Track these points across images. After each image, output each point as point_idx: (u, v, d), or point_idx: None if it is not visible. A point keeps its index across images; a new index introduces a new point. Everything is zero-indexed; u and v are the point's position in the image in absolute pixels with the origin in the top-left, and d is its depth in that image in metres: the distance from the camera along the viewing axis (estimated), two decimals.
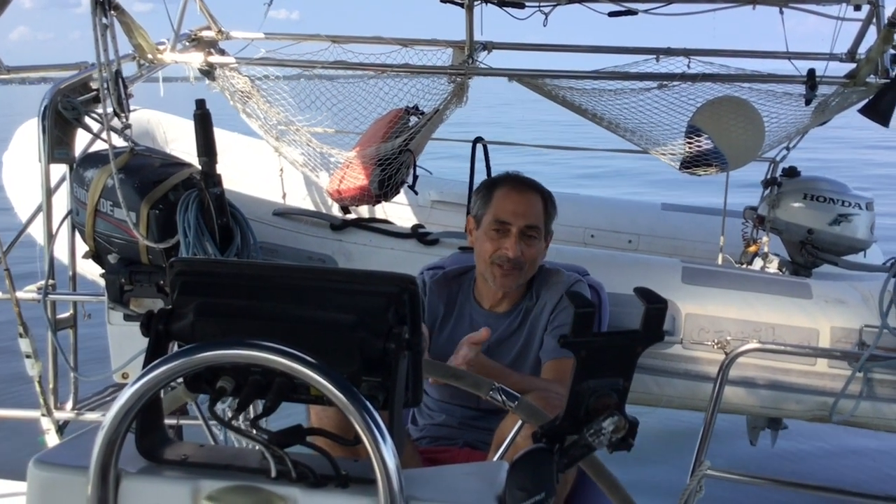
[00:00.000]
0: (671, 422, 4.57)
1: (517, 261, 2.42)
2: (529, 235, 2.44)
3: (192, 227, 2.98)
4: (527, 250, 2.43)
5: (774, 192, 4.08)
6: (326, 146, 4.36)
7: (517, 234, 2.42)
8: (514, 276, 2.45)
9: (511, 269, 2.43)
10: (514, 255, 2.41)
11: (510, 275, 2.45)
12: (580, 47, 4.55)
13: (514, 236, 2.42)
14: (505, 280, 2.46)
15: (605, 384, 1.10)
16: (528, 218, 2.43)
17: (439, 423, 2.53)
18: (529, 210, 2.45)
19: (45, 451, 1.12)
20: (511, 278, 2.46)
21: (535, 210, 2.46)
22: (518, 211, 2.43)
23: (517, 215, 2.43)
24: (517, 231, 2.42)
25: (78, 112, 3.29)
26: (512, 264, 2.42)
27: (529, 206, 2.45)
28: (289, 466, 1.04)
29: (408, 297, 1.10)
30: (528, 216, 2.44)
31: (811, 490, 3.00)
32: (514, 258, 2.41)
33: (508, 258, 2.41)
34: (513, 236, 2.42)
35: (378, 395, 1.07)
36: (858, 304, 3.27)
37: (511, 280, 2.46)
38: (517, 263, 2.43)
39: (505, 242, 2.42)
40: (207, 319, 1.08)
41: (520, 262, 2.43)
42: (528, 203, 2.46)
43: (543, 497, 1.06)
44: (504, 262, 2.43)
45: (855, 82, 3.60)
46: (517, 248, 2.41)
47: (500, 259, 2.43)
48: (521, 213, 2.43)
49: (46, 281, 3.28)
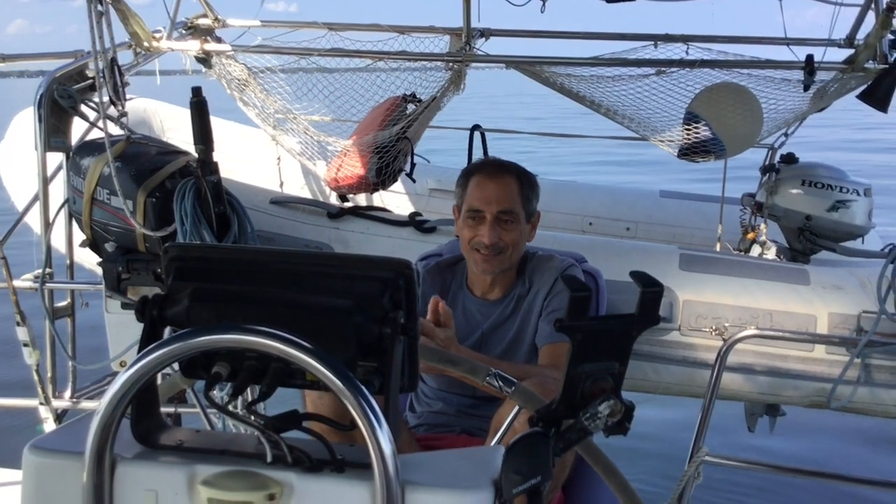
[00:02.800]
0: (668, 408, 4.57)
1: (496, 245, 2.44)
2: (504, 220, 2.45)
3: (189, 215, 2.97)
4: (505, 234, 2.44)
5: (772, 178, 4.08)
6: (324, 134, 4.35)
7: (492, 221, 2.43)
8: (497, 260, 2.47)
9: (491, 254, 2.45)
10: (489, 241, 2.42)
11: (491, 259, 2.46)
12: (578, 34, 4.53)
13: (489, 223, 2.43)
14: (487, 265, 2.48)
15: (601, 368, 1.10)
16: (500, 203, 2.44)
17: (437, 411, 2.53)
18: (502, 195, 2.45)
19: (40, 437, 1.12)
20: (493, 263, 2.47)
21: (509, 194, 2.46)
22: (490, 197, 2.45)
23: (489, 201, 2.44)
24: (491, 217, 2.43)
25: (74, 100, 3.28)
26: (491, 250, 2.44)
27: (502, 192, 2.46)
28: (285, 451, 1.04)
29: (403, 282, 1.10)
30: (501, 201, 2.44)
31: (809, 476, 3.01)
32: (490, 244, 2.43)
33: (485, 244, 2.43)
34: (487, 223, 2.43)
35: (374, 380, 1.07)
36: (856, 290, 3.27)
37: (493, 264, 2.48)
38: (497, 248, 2.44)
39: (480, 229, 2.44)
40: (202, 305, 1.08)
41: (499, 246, 2.44)
42: (500, 188, 2.46)
43: (539, 481, 1.06)
44: (482, 248, 2.45)
45: (853, 68, 3.59)
46: (492, 234, 2.42)
47: (478, 245, 2.45)
48: (494, 199, 2.44)
49: (44, 269, 3.27)
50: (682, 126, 3.93)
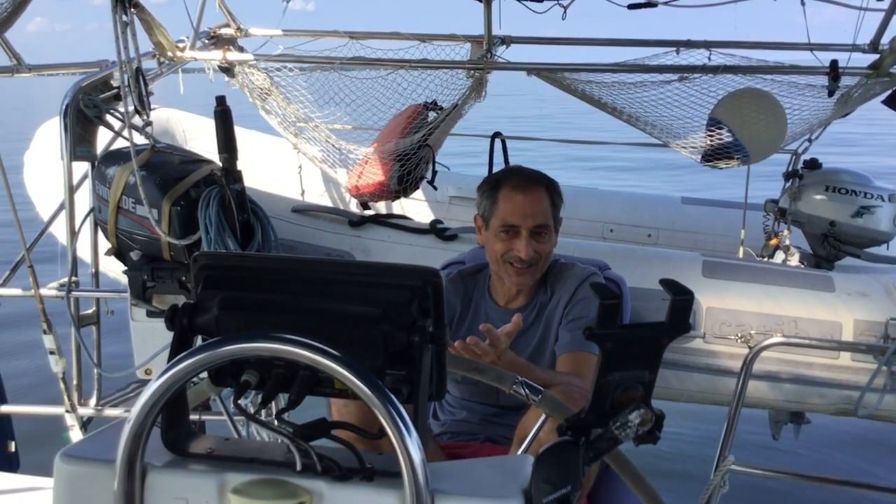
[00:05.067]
0: (692, 416, 4.54)
1: (531, 259, 2.40)
2: (539, 233, 2.41)
3: (214, 223, 2.99)
4: (539, 247, 2.41)
5: (796, 184, 4.05)
6: (345, 142, 4.36)
7: (527, 235, 2.39)
8: (530, 272, 2.44)
9: (525, 268, 2.42)
10: (526, 255, 2.38)
11: (524, 273, 2.43)
12: (599, 40, 4.53)
13: (525, 238, 2.38)
14: (521, 278, 2.45)
15: (631, 377, 1.09)
16: (536, 218, 2.39)
17: (461, 420, 2.52)
18: (537, 208, 2.40)
19: (71, 445, 1.13)
20: (527, 275, 2.44)
21: (542, 207, 2.42)
22: (526, 212, 2.39)
23: (525, 216, 2.39)
24: (527, 232, 2.39)
25: (99, 110, 3.31)
26: (526, 263, 2.41)
27: (536, 205, 2.40)
28: (314, 460, 1.04)
29: (431, 290, 1.09)
30: (537, 215, 2.40)
31: (835, 484, 2.97)
32: (528, 258, 2.39)
33: (522, 258, 2.39)
34: (523, 238, 2.38)
35: (402, 389, 1.07)
36: (882, 296, 3.23)
37: (527, 277, 2.45)
38: (532, 261, 2.41)
39: (517, 244, 2.39)
40: (231, 313, 1.08)
41: (533, 259, 2.41)
42: (534, 202, 2.41)
43: (570, 490, 1.05)
44: (517, 262, 2.41)
45: (878, 73, 3.57)
46: (529, 248, 2.38)
47: (512, 259, 2.41)
48: (529, 214, 2.39)
49: (70, 278, 3.30)
50: (706, 132, 3.91)
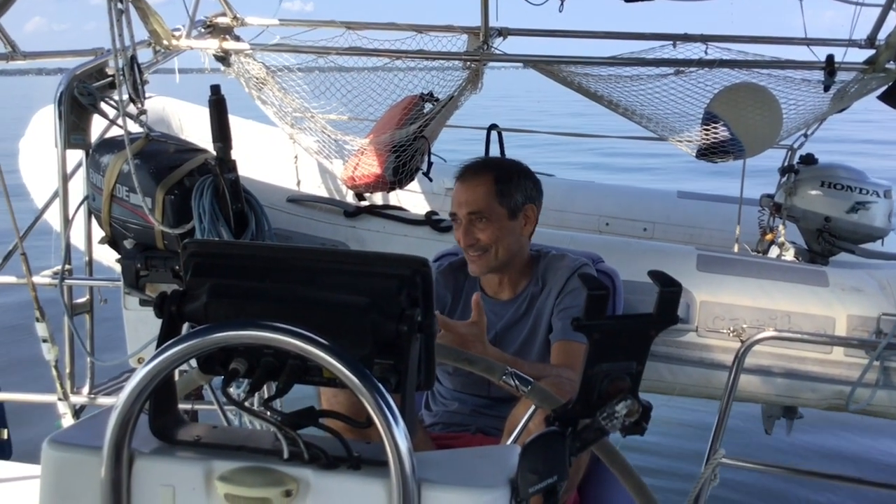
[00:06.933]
0: (685, 410, 4.56)
1: (476, 246, 2.46)
2: (476, 220, 2.46)
3: (207, 212, 2.98)
4: (480, 234, 2.45)
5: (791, 179, 4.05)
6: (341, 133, 4.36)
7: (465, 223, 2.46)
8: (484, 259, 2.48)
9: (476, 255, 2.48)
10: (464, 243, 2.46)
11: (477, 260, 2.49)
12: (596, 33, 4.52)
13: (463, 225, 2.47)
14: (474, 265, 2.51)
15: (619, 368, 1.09)
16: (469, 205, 2.46)
17: (452, 411, 2.53)
18: (471, 197, 2.47)
19: (59, 432, 1.12)
20: (480, 262, 2.49)
21: (479, 194, 2.47)
22: (461, 200, 2.48)
23: (460, 204, 2.48)
24: (464, 220, 2.47)
25: (94, 98, 3.30)
26: (474, 249, 2.46)
27: (471, 193, 2.47)
28: (301, 448, 1.04)
29: (420, 280, 1.09)
30: (470, 203, 2.46)
31: (826, 479, 2.99)
32: (466, 245, 2.46)
33: (465, 245, 2.47)
34: (462, 225, 2.47)
35: (390, 378, 1.07)
36: (876, 292, 3.24)
37: (480, 264, 2.50)
38: (479, 248, 2.46)
39: (458, 232, 2.49)
40: (220, 301, 1.08)
41: (479, 245, 2.46)
42: (470, 190, 2.48)
43: (555, 480, 1.05)
44: (468, 249, 2.48)
45: (874, 68, 3.57)
46: (467, 236, 2.46)
47: (463, 247, 2.50)
48: (464, 202, 2.47)
49: (63, 266, 3.29)
50: (701, 126, 3.91)
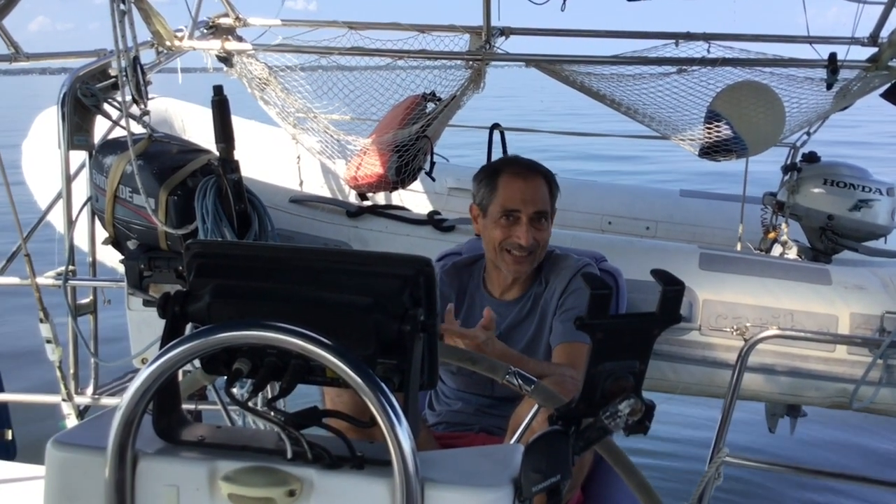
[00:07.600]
0: (688, 408, 4.55)
1: (530, 246, 2.41)
2: (539, 220, 2.42)
3: (210, 213, 2.99)
4: (538, 235, 2.41)
5: (794, 177, 4.05)
6: (343, 133, 4.36)
7: (527, 222, 2.40)
8: (529, 260, 2.45)
9: (524, 256, 2.42)
10: (526, 242, 2.39)
11: (523, 261, 2.44)
12: (598, 32, 4.52)
13: (525, 224, 2.39)
14: (519, 266, 2.45)
15: (622, 367, 1.09)
16: (536, 204, 2.40)
17: (456, 410, 2.53)
18: (536, 195, 2.42)
19: (63, 432, 1.13)
20: (525, 264, 2.45)
21: (542, 194, 2.43)
22: (526, 198, 2.40)
23: (525, 202, 2.40)
24: (527, 218, 2.39)
25: (97, 99, 3.30)
26: (525, 250, 2.41)
27: (536, 191, 2.42)
28: (305, 448, 1.04)
29: (423, 280, 1.10)
30: (536, 202, 2.41)
31: (829, 477, 2.99)
32: (527, 245, 2.40)
33: (521, 245, 2.40)
34: (523, 224, 2.39)
35: (393, 378, 1.07)
36: (879, 290, 3.23)
37: (525, 266, 2.46)
38: (529, 248, 2.41)
39: (516, 231, 2.40)
40: (223, 301, 1.08)
41: (532, 246, 2.41)
42: (534, 188, 2.42)
43: (559, 479, 1.06)
44: (515, 249, 2.41)
45: (877, 66, 3.56)
46: (529, 235, 2.39)
47: (511, 246, 2.42)
48: (530, 200, 2.40)
49: (67, 267, 3.30)
50: (704, 125, 3.90)
